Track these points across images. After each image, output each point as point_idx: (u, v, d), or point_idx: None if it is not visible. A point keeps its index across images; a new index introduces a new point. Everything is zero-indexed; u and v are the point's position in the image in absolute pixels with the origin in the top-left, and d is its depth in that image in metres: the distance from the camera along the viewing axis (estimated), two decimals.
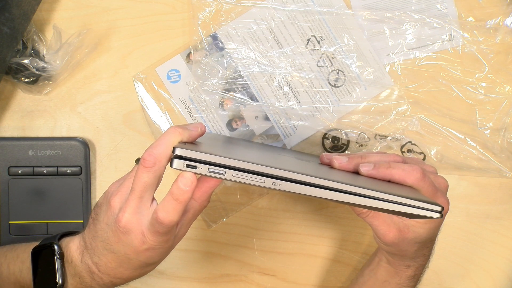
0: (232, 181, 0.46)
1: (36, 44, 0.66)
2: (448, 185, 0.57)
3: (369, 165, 0.53)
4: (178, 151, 0.45)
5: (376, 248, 0.71)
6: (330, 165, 0.56)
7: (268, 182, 0.45)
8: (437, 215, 0.46)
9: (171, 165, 0.45)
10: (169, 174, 0.57)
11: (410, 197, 0.47)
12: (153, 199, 0.49)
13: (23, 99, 0.69)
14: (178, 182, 0.45)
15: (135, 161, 0.52)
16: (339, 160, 0.55)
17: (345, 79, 0.69)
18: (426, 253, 0.59)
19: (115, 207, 0.49)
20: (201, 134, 0.50)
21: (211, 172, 0.45)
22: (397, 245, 0.56)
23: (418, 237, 0.55)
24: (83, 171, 0.68)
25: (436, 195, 0.53)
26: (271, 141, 0.70)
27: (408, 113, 0.69)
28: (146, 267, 0.52)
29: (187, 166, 0.45)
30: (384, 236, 0.55)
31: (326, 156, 0.56)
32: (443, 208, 0.47)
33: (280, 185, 0.46)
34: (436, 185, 0.54)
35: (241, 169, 0.45)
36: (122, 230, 0.48)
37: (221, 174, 0.45)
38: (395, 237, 0.55)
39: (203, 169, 0.45)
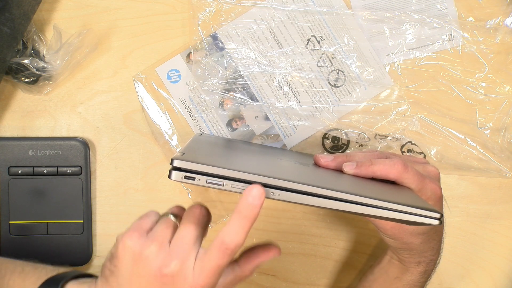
0: (231, 191, 0.46)
1: (36, 44, 0.66)
2: (439, 173, 0.58)
3: (352, 164, 0.54)
4: (176, 163, 0.45)
5: (382, 248, 0.71)
6: (319, 166, 0.56)
7: (266, 192, 0.46)
8: (436, 221, 0.46)
9: (169, 177, 0.45)
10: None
11: (409, 204, 0.46)
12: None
13: (23, 99, 0.69)
14: (247, 197, 0.43)
15: (172, 215, 0.51)
16: (324, 158, 0.56)
17: (345, 79, 0.69)
18: (434, 246, 0.59)
19: (152, 257, 0.46)
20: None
21: (210, 183, 0.45)
22: (400, 238, 0.56)
23: (420, 228, 0.56)
24: (83, 171, 0.68)
25: (424, 181, 0.53)
26: (271, 141, 0.70)
27: (408, 113, 0.69)
28: None
29: (186, 177, 0.45)
30: (384, 229, 0.56)
31: (320, 157, 0.57)
32: (442, 215, 0.47)
33: (278, 195, 0.46)
34: (424, 173, 0.54)
35: (239, 179, 0.45)
36: (170, 279, 0.46)
37: (219, 185, 0.45)
38: (394, 229, 0.55)
39: (201, 180, 0.45)
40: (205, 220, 0.49)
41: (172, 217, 0.49)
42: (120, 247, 0.47)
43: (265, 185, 0.45)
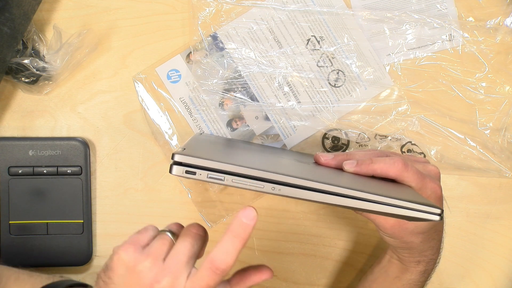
0: (231, 186, 0.46)
1: (36, 44, 0.66)
2: (439, 172, 0.58)
3: (352, 162, 0.54)
4: (177, 158, 0.45)
5: (382, 248, 0.71)
6: (320, 164, 0.56)
7: (267, 187, 0.45)
8: (436, 217, 0.46)
9: (170, 172, 0.45)
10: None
11: (409, 199, 0.46)
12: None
13: (23, 99, 0.69)
14: (241, 218, 0.44)
15: (169, 232, 0.51)
16: (324, 156, 0.57)
17: (345, 79, 0.69)
18: (434, 246, 0.60)
19: (145, 272, 0.47)
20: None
21: (210, 178, 0.45)
22: (400, 237, 0.56)
23: (419, 227, 0.55)
24: (83, 171, 0.68)
25: (424, 180, 0.54)
26: (271, 141, 0.70)
27: (408, 113, 0.69)
28: None
29: (187, 172, 0.45)
30: (384, 228, 0.56)
31: (320, 155, 0.57)
32: (442, 211, 0.47)
33: (279, 190, 0.46)
34: (424, 172, 0.54)
35: (240, 174, 0.45)
36: None
37: (220, 179, 0.45)
38: (395, 228, 0.55)
39: (202, 175, 0.45)
40: (201, 240, 0.49)
41: (169, 234, 0.50)
42: (115, 259, 0.48)
43: (266, 180, 0.45)
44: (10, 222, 0.68)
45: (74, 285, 0.54)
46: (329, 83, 0.69)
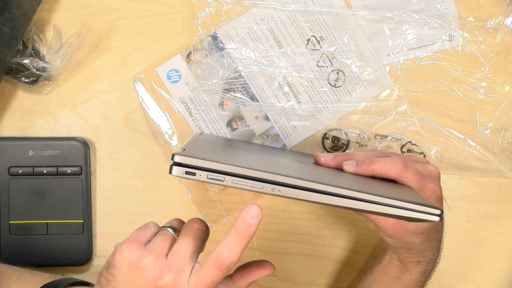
0: (231, 187, 0.46)
1: (36, 44, 0.66)
2: (439, 173, 0.58)
3: (352, 163, 0.54)
4: (177, 158, 0.45)
5: (382, 248, 0.71)
6: (320, 164, 0.57)
7: (267, 188, 0.45)
8: (436, 218, 0.46)
9: (170, 172, 0.45)
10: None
11: (409, 200, 0.46)
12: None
13: (23, 99, 0.69)
14: (245, 216, 0.44)
15: (170, 228, 0.51)
16: (324, 157, 0.57)
17: (345, 79, 0.69)
18: (434, 246, 0.60)
19: (148, 268, 0.47)
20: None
21: (210, 178, 0.45)
22: (400, 237, 0.56)
23: (420, 227, 0.55)
24: (83, 171, 0.68)
25: (424, 181, 0.54)
26: (271, 141, 0.70)
27: (408, 113, 0.69)
28: None
29: (186, 173, 0.45)
30: (384, 228, 0.56)
31: (320, 155, 0.57)
32: (442, 211, 0.47)
33: (279, 190, 0.46)
34: (424, 173, 0.55)
35: (240, 175, 0.45)
36: None
37: (220, 180, 0.45)
38: (394, 228, 0.55)
39: (202, 176, 0.45)
40: (203, 235, 0.49)
41: (170, 230, 0.50)
42: (117, 257, 0.48)
43: (266, 181, 0.45)
44: (10, 222, 0.68)
45: (76, 284, 0.54)
46: (329, 83, 0.69)
